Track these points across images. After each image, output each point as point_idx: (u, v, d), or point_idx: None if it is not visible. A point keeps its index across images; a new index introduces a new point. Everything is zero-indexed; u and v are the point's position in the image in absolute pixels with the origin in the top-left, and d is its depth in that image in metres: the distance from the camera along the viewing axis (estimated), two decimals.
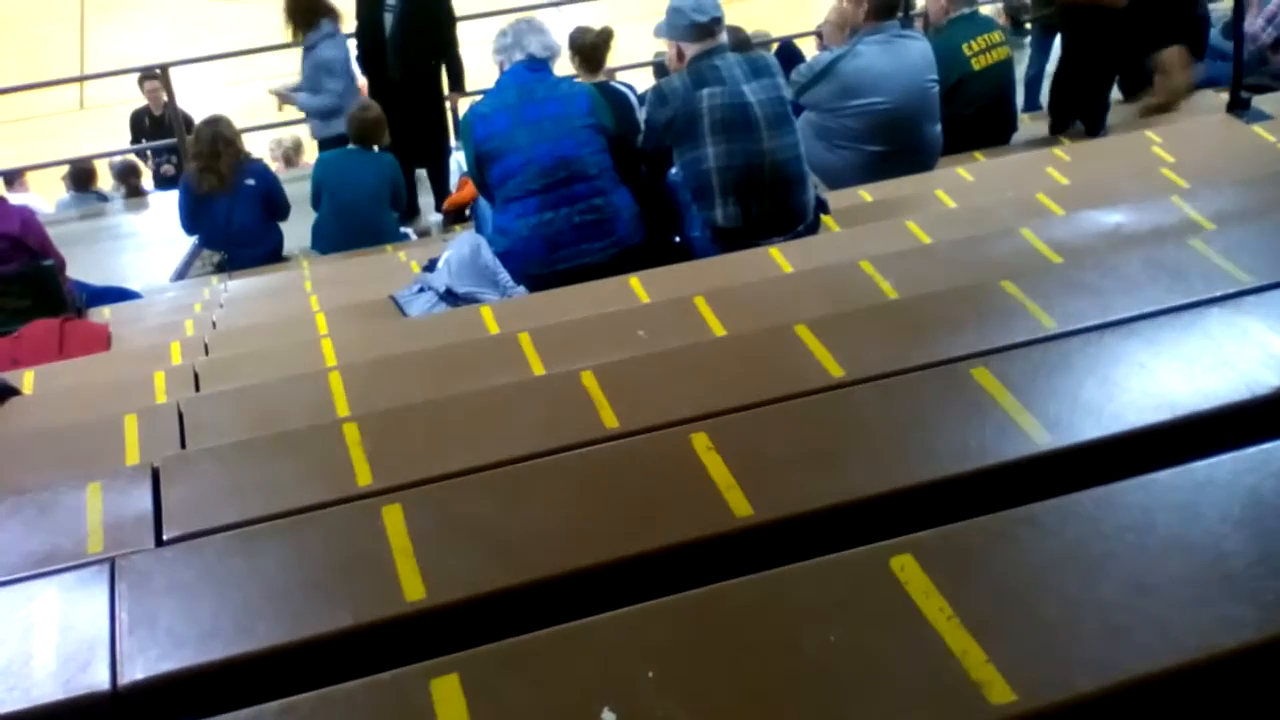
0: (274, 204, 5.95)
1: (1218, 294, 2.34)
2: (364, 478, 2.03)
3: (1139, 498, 1.55)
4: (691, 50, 3.90)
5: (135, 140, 9.03)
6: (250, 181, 5.82)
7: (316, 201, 5.91)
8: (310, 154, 7.87)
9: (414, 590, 1.62)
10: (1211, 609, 1.35)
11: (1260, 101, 5.41)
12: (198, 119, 6.27)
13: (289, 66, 10.02)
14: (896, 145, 4.93)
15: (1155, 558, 1.44)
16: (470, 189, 5.08)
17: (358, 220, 5.82)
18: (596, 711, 1.29)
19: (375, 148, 5.95)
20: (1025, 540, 1.51)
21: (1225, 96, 5.50)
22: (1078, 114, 5.53)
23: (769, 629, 1.40)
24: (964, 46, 5.44)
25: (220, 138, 5.79)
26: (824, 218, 4.11)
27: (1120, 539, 1.48)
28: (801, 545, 1.59)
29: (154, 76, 8.45)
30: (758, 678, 1.32)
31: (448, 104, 6.77)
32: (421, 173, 6.89)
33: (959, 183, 4.58)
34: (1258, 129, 4.47)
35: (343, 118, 6.11)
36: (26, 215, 4.66)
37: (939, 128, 5.09)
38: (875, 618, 1.39)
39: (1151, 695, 1.28)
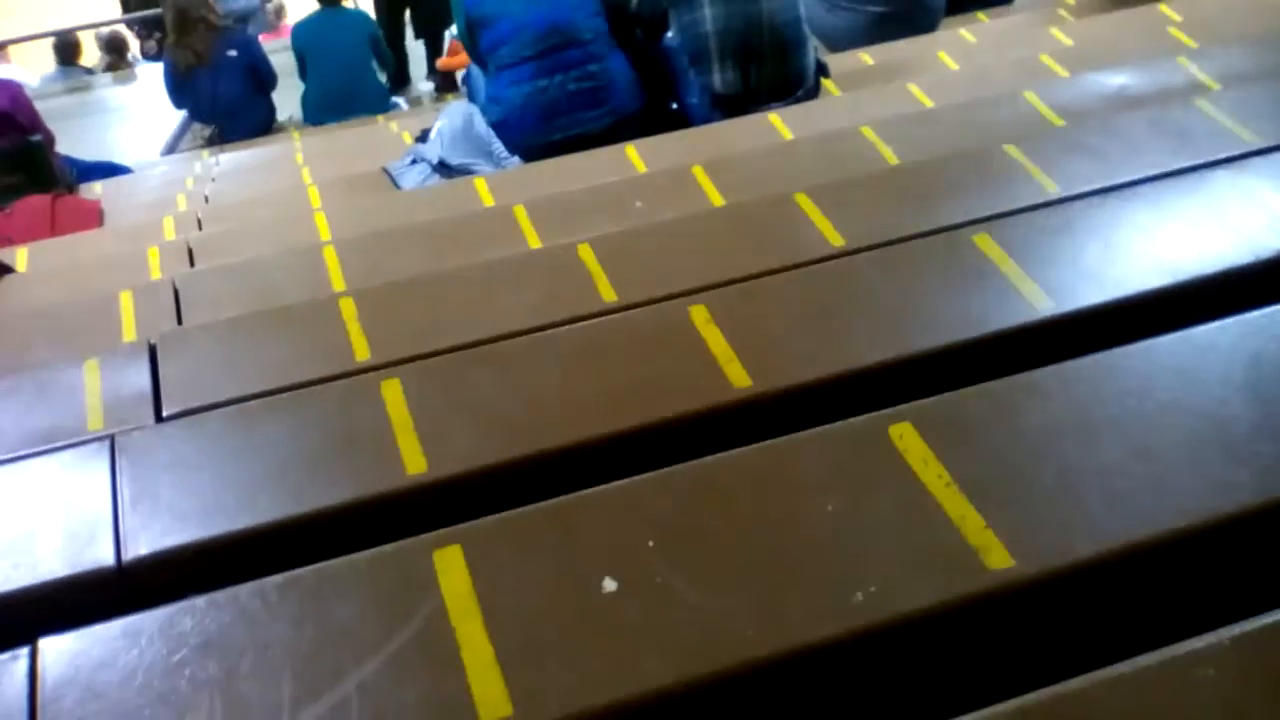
0: (260, 75, 5.85)
1: (1223, 156, 2.31)
2: (361, 352, 2.02)
3: (1140, 363, 1.55)
4: None
5: (127, 11, 8.80)
6: (233, 53, 5.73)
7: (303, 72, 5.81)
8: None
9: (415, 464, 1.63)
10: (1210, 473, 1.36)
11: None
12: None
13: None
14: (897, 6, 4.83)
15: (1155, 423, 1.44)
16: (462, 55, 4.97)
17: (345, 82, 5.76)
18: (598, 579, 1.30)
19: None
20: (1024, 407, 1.51)
21: None
22: None
23: (768, 498, 1.40)
24: None
25: (188, 13, 5.68)
26: (824, 82, 4.03)
27: (1120, 404, 1.47)
28: (801, 416, 1.59)
29: None
30: (756, 546, 1.33)
31: None
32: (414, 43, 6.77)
33: (961, 44, 4.48)
34: None
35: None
36: (15, 90, 4.57)
37: None
38: (873, 486, 1.39)
39: (1150, 560, 1.29)
